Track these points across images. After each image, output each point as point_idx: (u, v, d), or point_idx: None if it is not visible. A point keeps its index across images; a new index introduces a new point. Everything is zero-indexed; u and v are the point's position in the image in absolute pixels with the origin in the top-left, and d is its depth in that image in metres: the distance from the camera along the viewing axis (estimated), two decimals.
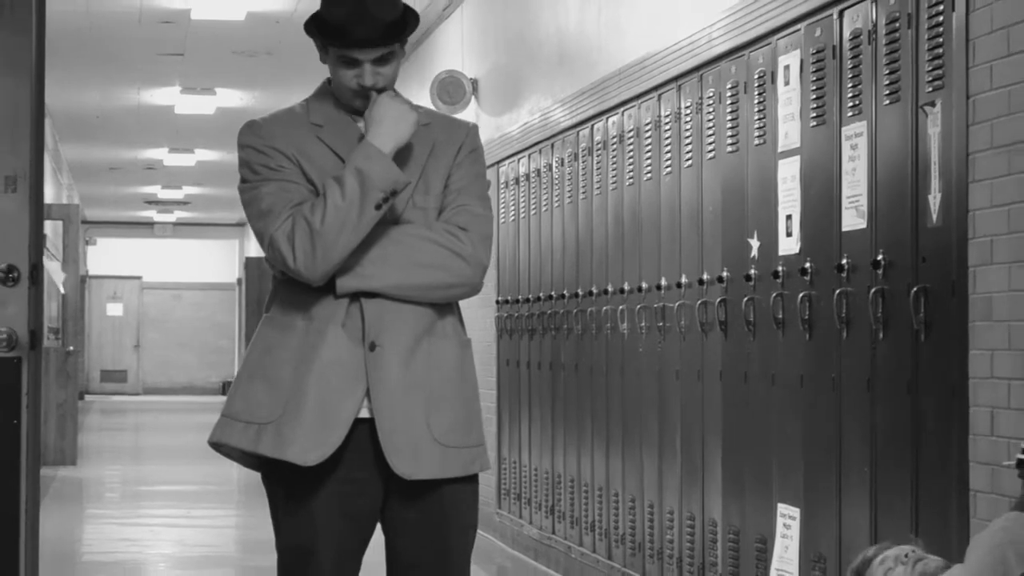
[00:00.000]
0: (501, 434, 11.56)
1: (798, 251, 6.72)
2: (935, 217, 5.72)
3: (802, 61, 6.70)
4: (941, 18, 5.65)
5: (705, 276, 7.67)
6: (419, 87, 13.21)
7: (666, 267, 8.21)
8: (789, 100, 6.83)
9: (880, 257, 6.04)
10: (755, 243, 7.13)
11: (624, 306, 8.81)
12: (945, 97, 5.64)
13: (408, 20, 4.80)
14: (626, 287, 8.78)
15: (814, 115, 6.59)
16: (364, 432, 4.70)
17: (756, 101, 7.13)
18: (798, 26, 6.72)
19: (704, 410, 7.74)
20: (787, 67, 6.84)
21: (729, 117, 7.43)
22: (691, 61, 7.86)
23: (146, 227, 40.60)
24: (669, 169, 8.20)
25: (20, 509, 6.86)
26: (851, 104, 6.29)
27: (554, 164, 10.31)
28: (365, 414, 4.70)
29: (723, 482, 7.53)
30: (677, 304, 8.04)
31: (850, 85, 6.31)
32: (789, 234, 6.80)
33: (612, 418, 9.08)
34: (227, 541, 13.48)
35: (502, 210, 11.55)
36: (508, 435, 11.43)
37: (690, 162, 7.91)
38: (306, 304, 4.75)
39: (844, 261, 6.31)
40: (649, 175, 8.50)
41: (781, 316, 6.84)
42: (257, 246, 32.13)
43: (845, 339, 6.32)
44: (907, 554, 4.79)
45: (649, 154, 8.51)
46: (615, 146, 9.06)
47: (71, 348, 20.98)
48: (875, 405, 6.10)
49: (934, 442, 5.71)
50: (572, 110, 9.86)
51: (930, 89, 5.74)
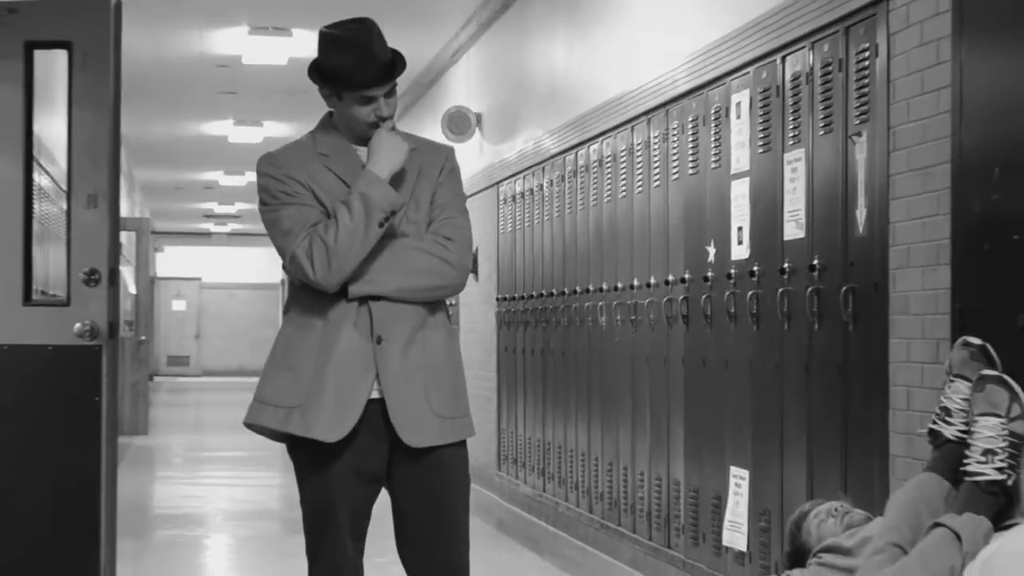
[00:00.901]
0: (500, 409, 11.54)
1: (748, 256, 6.71)
2: (861, 228, 5.73)
3: (751, 99, 6.70)
4: (867, 63, 5.66)
5: (670, 277, 7.67)
6: (432, 121, 13.20)
7: (638, 270, 8.21)
8: (740, 131, 6.83)
9: (816, 262, 6.04)
10: (712, 250, 7.12)
11: (603, 302, 8.81)
12: (870, 128, 5.65)
13: (397, 59, 4.85)
14: (604, 286, 8.78)
15: (761, 144, 6.59)
16: (375, 409, 4.77)
17: (712, 132, 7.13)
18: (747, 69, 6.73)
19: (669, 389, 7.74)
20: (738, 104, 6.84)
21: (690, 145, 7.43)
22: (658, 99, 7.86)
23: (204, 237, 40.48)
24: (640, 188, 8.20)
25: (101, 471, 6.87)
26: (792, 134, 6.30)
27: (545, 184, 10.30)
28: (375, 395, 4.75)
29: (685, 449, 7.53)
30: (647, 301, 8.03)
31: (791, 118, 6.30)
32: (740, 242, 6.80)
33: (593, 396, 9.07)
34: (271, 498, 13.46)
35: (501, 222, 11.53)
36: (506, 410, 11.41)
37: (658, 183, 7.90)
38: (322, 307, 4.79)
39: (786, 265, 6.31)
40: (624, 193, 8.49)
41: (733, 311, 6.84)
42: None
43: (786, 330, 6.32)
44: (836, 508, 4.80)
45: (624, 176, 8.50)
46: (595, 169, 9.05)
47: (143, 338, 20.94)
48: (811, 385, 6.11)
49: (860, 416, 5.71)
50: (560, 139, 9.85)
51: (857, 122, 5.74)
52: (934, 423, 4.43)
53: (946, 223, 5.13)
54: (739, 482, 6.80)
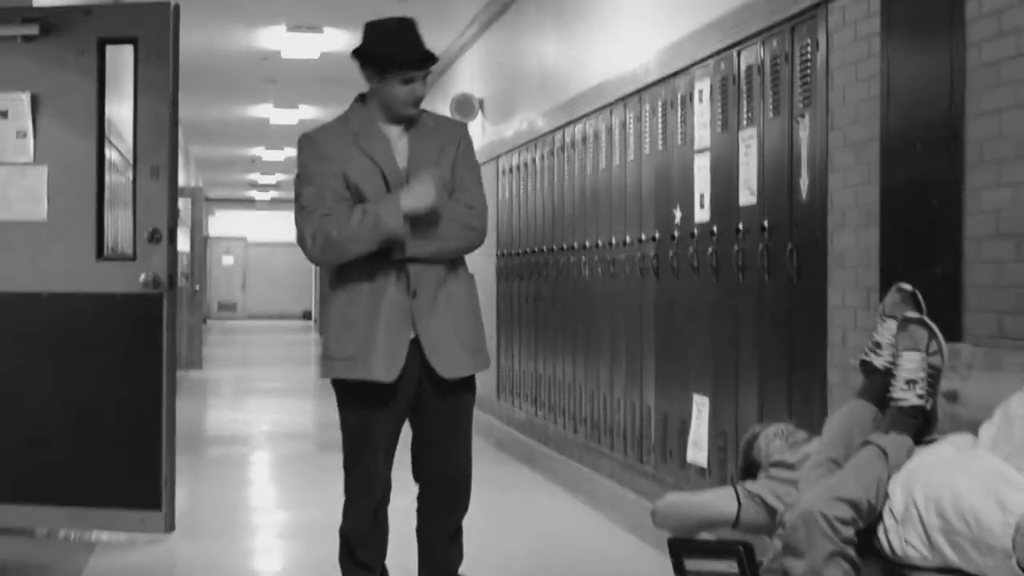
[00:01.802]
0: (499, 347, 11.55)
1: (708, 219, 6.71)
2: (804, 195, 5.73)
3: (711, 86, 6.69)
4: (809, 56, 5.66)
5: (643, 236, 7.66)
6: (442, 104, 13.15)
7: (615, 230, 8.20)
8: (702, 114, 6.81)
9: (765, 223, 6.04)
10: (678, 213, 7.12)
11: (586, 257, 8.80)
12: (811, 111, 5.65)
13: (431, 53, 4.91)
14: (587, 244, 8.76)
15: (720, 124, 6.57)
16: (412, 351, 4.81)
17: (679, 114, 7.11)
18: (708, 62, 6.71)
19: (642, 330, 7.75)
20: (700, 90, 6.83)
21: (660, 125, 7.41)
22: (633, 86, 7.84)
23: (249, 203, 40.47)
24: (618, 161, 8.19)
25: (162, 397, 6.89)
26: (746, 116, 6.29)
27: (537, 159, 10.28)
28: (412, 335, 4.81)
29: (655, 380, 7.54)
30: (623, 256, 8.02)
31: (745, 103, 6.29)
32: (702, 207, 6.79)
33: (577, 335, 9.08)
34: (305, 421, 13.50)
35: (500, 191, 11.49)
36: (504, 348, 11.41)
37: (632, 157, 7.89)
38: (370, 274, 4.81)
39: (740, 226, 6.31)
40: (604, 166, 8.48)
41: (696, 264, 6.83)
42: None
43: (741, 281, 6.32)
44: (782, 430, 4.80)
45: (604, 151, 8.48)
46: (580, 146, 9.03)
47: (197, 287, 20.92)
48: (762, 327, 6.12)
49: (803, 352, 5.73)
50: (549, 121, 9.83)
51: (801, 105, 5.74)
52: (866, 355, 4.44)
53: (875, 190, 5.14)
54: (701, 408, 6.81)
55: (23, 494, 6.96)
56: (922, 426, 4.13)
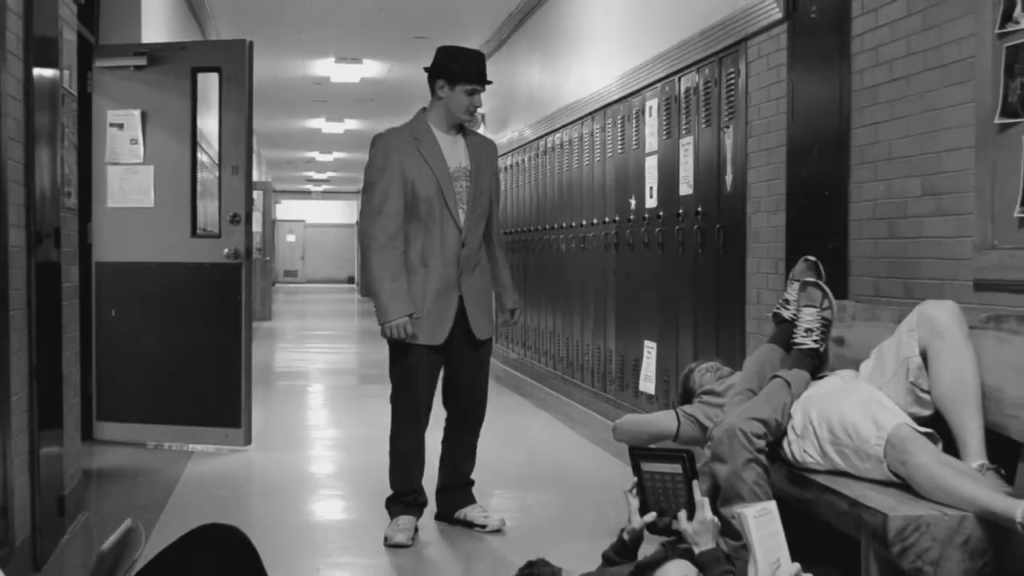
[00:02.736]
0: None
1: (656, 206, 6.73)
2: (729, 187, 5.74)
3: (658, 104, 6.70)
4: (733, 81, 5.66)
5: (606, 219, 7.68)
6: None
7: (586, 214, 8.21)
8: (651, 125, 6.82)
9: (699, 209, 6.05)
10: (633, 201, 7.14)
11: (563, 235, 8.81)
12: (734, 123, 5.66)
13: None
14: (564, 225, 8.77)
15: (665, 133, 6.59)
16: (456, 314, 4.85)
17: (634, 126, 7.12)
18: (656, 85, 6.72)
19: (606, 292, 7.77)
20: (650, 107, 6.84)
21: (619, 134, 7.42)
22: (599, 104, 7.85)
23: (306, 193, 40.25)
24: (587, 162, 8.20)
25: (241, 343, 6.91)
26: (684, 127, 6.30)
27: (526, 159, 10.27)
28: (456, 305, 4.83)
29: (615, 329, 7.57)
30: (591, 234, 8.04)
31: (684, 117, 6.30)
32: (651, 197, 6.81)
33: (557, 296, 9.09)
34: (350, 361, 13.51)
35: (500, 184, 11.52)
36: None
37: (599, 158, 7.91)
38: (432, 253, 4.78)
39: (680, 211, 6.32)
40: (577, 165, 8.48)
41: (646, 241, 6.85)
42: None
43: (681, 254, 6.33)
44: (712, 366, 4.83)
45: (576, 154, 8.50)
46: (559, 150, 9.03)
47: (268, 258, 20.92)
48: (696, 288, 6.13)
49: (727, 307, 5.75)
50: (535, 130, 9.83)
51: (726, 119, 5.75)
52: (777, 309, 4.46)
53: (782, 184, 5.16)
54: (649, 350, 6.84)
55: (138, 416, 7.00)
56: (817, 364, 4.16)
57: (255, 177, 19.52)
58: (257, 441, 6.99)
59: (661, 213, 6.61)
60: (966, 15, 3.79)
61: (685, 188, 6.28)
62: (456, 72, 4.77)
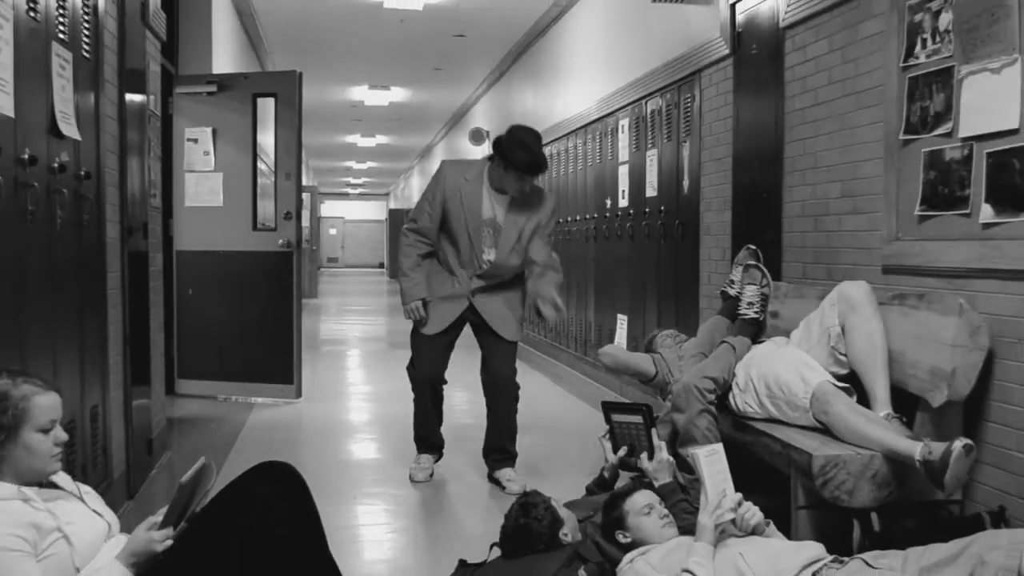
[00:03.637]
0: None
1: (627, 205, 6.73)
2: (686, 190, 5.74)
3: (629, 123, 6.69)
4: (690, 104, 5.66)
5: (587, 216, 7.67)
6: (463, 133, 13.12)
7: (572, 212, 8.20)
8: (624, 140, 6.81)
9: (662, 208, 6.01)
10: (609, 201, 7.14)
11: (554, 229, 8.81)
12: (691, 139, 5.66)
13: (543, 163, 4.41)
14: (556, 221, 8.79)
15: (634, 146, 6.59)
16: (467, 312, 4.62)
17: (610, 140, 7.12)
18: (628, 107, 6.71)
19: (587, 274, 7.76)
20: (623, 125, 6.84)
21: (598, 147, 7.42)
22: (581, 123, 7.84)
23: (344, 195, 40.19)
24: (572, 170, 8.19)
25: (293, 315, 6.91)
26: (650, 142, 6.29)
27: None
28: (465, 307, 4.59)
29: (594, 304, 7.57)
30: (576, 228, 8.04)
31: (650, 133, 6.30)
32: (624, 198, 6.81)
33: None
34: (380, 330, 13.50)
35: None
36: None
37: (581, 167, 7.90)
38: (449, 263, 4.57)
39: (647, 209, 6.31)
40: (563, 172, 8.48)
41: (620, 233, 6.85)
42: (394, 203, 31.53)
43: (647, 244, 6.28)
44: (671, 333, 4.78)
45: (564, 163, 8.49)
46: (550, 161, 9.04)
47: (314, 247, 20.88)
48: (659, 272, 6.13)
49: (684, 287, 5.75)
50: None
51: (684, 135, 5.75)
52: (724, 288, 4.46)
53: (729, 188, 5.16)
54: (622, 321, 6.84)
55: (210, 374, 7.01)
56: (757, 332, 4.17)
57: (304, 182, 19.62)
58: (306, 395, 7.00)
59: (631, 211, 6.61)
60: (876, 51, 3.79)
61: (651, 191, 6.27)
62: (514, 161, 4.39)
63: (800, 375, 3.52)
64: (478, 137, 12.56)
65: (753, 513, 2.78)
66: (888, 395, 3.40)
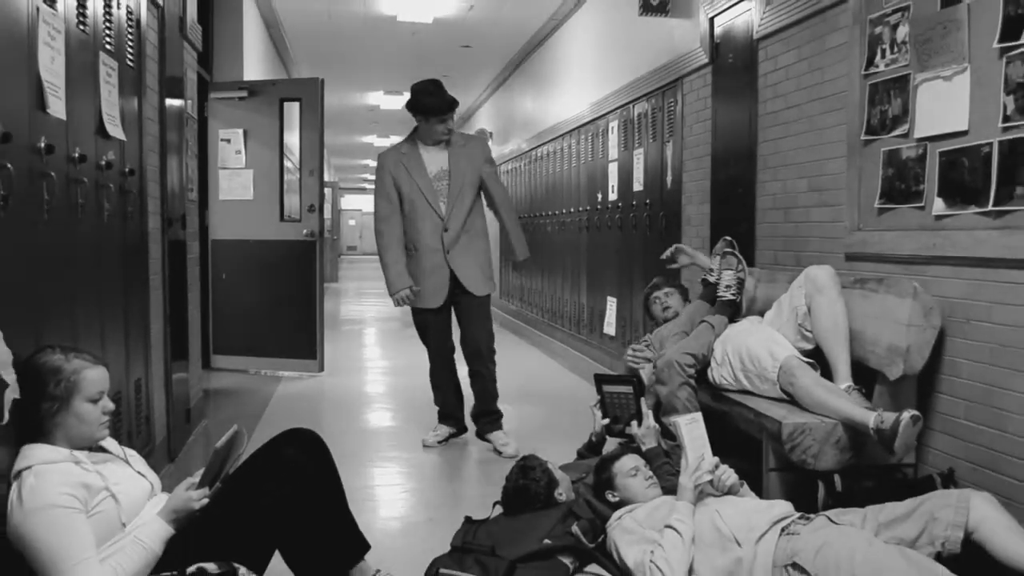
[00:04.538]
0: (501, 272, 11.57)
1: (617, 198, 6.69)
2: (669, 185, 5.72)
3: (619, 124, 6.66)
4: (673, 108, 5.63)
5: (581, 208, 7.65)
6: (470, 132, 13.08)
7: (566, 204, 8.18)
8: (613, 140, 6.78)
9: (647, 201, 5.99)
10: (600, 195, 7.12)
11: (549, 220, 8.76)
12: (674, 139, 5.63)
13: (454, 101, 4.56)
14: (551, 213, 8.73)
15: (623, 146, 6.56)
16: (450, 280, 4.66)
17: (601, 140, 7.08)
18: (617, 110, 6.67)
19: (580, 261, 7.74)
20: (613, 127, 6.81)
21: (590, 146, 7.40)
22: (575, 124, 7.80)
23: (363, 190, 39.92)
24: (566, 167, 8.15)
25: (316, 297, 6.92)
26: (637, 142, 6.27)
27: (522, 165, 10.21)
28: (448, 273, 4.64)
29: (587, 288, 7.56)
30: (570, 220, 8.01)
31: (637, 134, 6.27)
32: (613, 192, 6.78)
33: (546, 266, 9.06)
34: (396, 310, 13.49)
35: (502, 176, 11.45)
36: (504, 273, 11.44)
37: (575, 164, 7.87)
38: (419, 240, 4.60)
39: (634, 203, 6.25)
40: (559, 169, 8.45)
41: (610, 225, 6.79)
42: None
43: (634, 234, 6.24)
44: (667, 291, 4.73)
45: (559, 161, 8.47)
46: (547, 158, 8.98)
47: (335, 237, 20.88)
48: (645, 260, 6.10)
49: (668, 274, 5.73)
50: (529, 144, 9.76)
51: (668, 136, 5.73)
52: (705, 274, 4.45)
53: (708, 183, 5.15)
54: (611, 304, 6.84)
55: (242, 350, 7.03)
56: (733, 312, 4.17)
57: (326, 178, 19.62)
58: (328, 369, 7.02)
59: (620, 204, 6.60)
60: (841, 61, 3.78)
61: (637, 186, 6.26)
62: (429, 109, 4.51)
63: (769, 351, 3.52)
64: (483, 136, 12.54)
65: (729, 475, 2.81)
66: (849, 369, 3.40)
